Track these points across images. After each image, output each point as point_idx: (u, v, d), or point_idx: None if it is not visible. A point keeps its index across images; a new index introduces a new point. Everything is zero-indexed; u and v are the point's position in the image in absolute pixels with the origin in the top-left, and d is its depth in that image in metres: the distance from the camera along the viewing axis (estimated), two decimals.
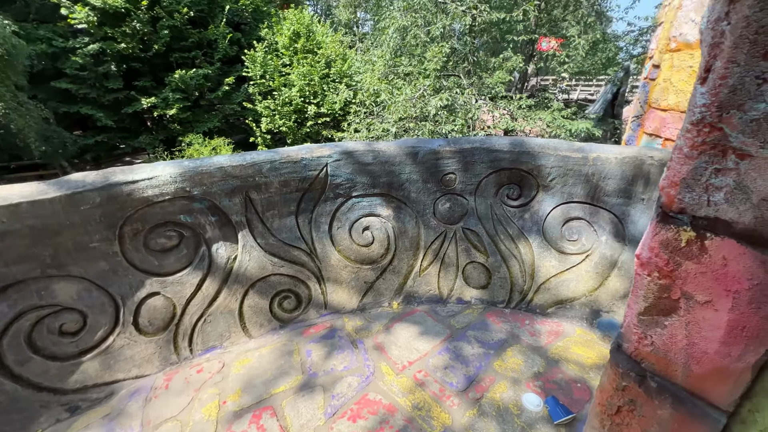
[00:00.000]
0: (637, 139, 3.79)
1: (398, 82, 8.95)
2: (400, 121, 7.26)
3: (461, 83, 8.48)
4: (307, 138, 16.43)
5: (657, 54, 3.55)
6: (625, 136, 4.16)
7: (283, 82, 15.13)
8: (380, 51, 8.59)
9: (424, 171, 2.22)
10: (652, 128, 3.50)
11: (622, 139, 4.30)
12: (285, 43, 15.54)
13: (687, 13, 3.12)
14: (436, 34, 7.72)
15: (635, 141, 3.82)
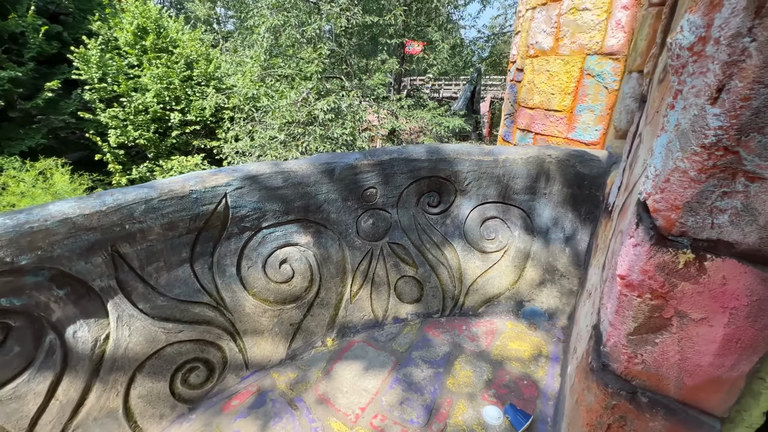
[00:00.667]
0: (512, 135, 4.27)
1: (276, 84, 8.39)
2: (286, 127, 6.79)
3: (344, 85, 8.41)
4: (175, 150, 14.22)
5: (519, 59, 4.03)
6: (501, 131, 4.66)
7: (132, 86, 12.69)
8: (252, 51, 7.88)
9: (343, 188, 2.00)
10: (523, 124, 3.98)
11: (499, 134, 4.82)
12: (128, 39, 13.04)
13: (539, 24, 3.60)
14: (312, 35, 7.44)
15: (511, 136, 4.31)
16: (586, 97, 3.34)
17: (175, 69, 13.23)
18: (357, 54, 11.95)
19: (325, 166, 1.92)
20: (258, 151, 6.77)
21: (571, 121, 3.50)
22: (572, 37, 3.29)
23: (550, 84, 3.58)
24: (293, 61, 8.12)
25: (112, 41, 13.27)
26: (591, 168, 2.08)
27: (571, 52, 3.32)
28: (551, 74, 3.54)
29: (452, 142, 9.74)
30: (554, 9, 3.42)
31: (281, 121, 6.73)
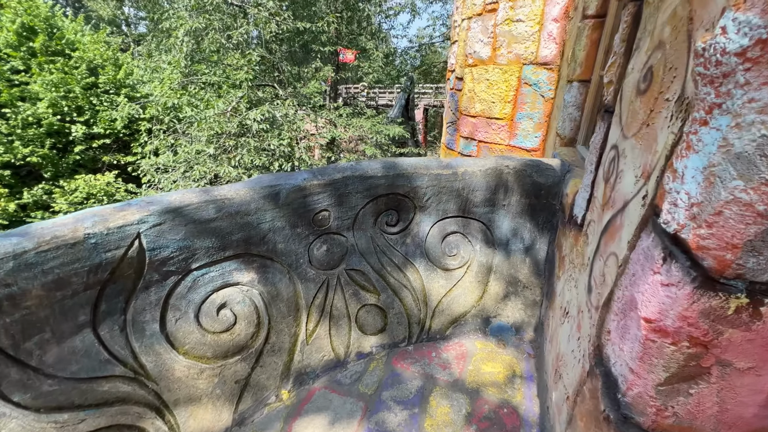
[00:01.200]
0: (456, 142, 4.30)
1: (201, 93, 7.65)
2: (216, 139, 6.19)
3: (277, 93, 7.96)
4: (80, 168, 12.34)
5: (458, 68, 4.07)
6: (444, 139, 4.68)
7: (18, 95, 10.75)
8: (170, 56, 7.10)
9: (291, 213, 1.72)
10: (467, 132, 4.01)
11: (442, 142, 4.84)
12: (11, 40, 11.07)
13: (476, 34, 3.65)
14: (239, 40, 6.92)
15: (455, 144, 4.33)
16: (524, 105, 3.43)
17: (74, 75, 11.51)
18: (289, 61, 11.49)
19: (269, 190, 1.63)
20: (183, 166, 6.05)
21: (512, 128, 3.58)
22: (509, 47, 3.36)
23: (490, 92, 3.64)
24: (219, 68, 7.47)
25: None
26: (547, 177, 2.07)
27: (509, 62, 3.40)
28: (491, 83, 3.60)
29: (392, 149, 9.77)
30: (490, 20, 3.48)
31: (209, 133, 6.09)
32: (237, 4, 7.10)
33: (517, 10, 3.23)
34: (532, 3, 3.12)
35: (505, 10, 3.32)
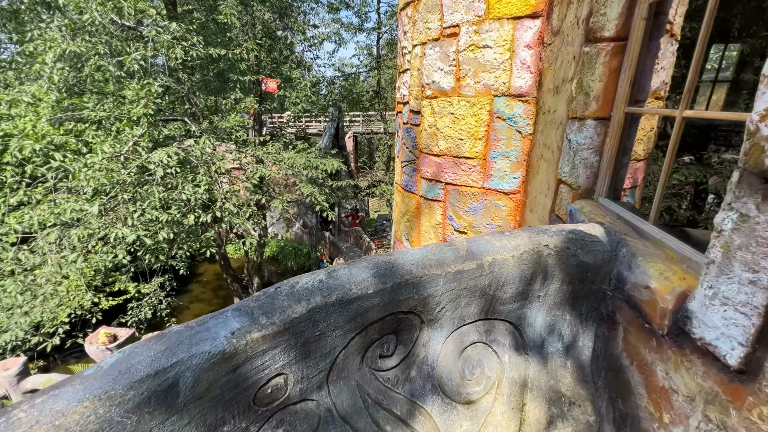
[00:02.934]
0: (416, 185, 3.68)
1: (87, 131, 6.09)
2: (107, 190, 4.78)
3: (189, 129, 6.72)
4: None
5: (413, 100, 3.51)
6: (400, 179, 4.05)
7: None
8: (38, 86, 5.53)
9: (207, 411, 0.84)
10: (430, 173, 3.42)
11: (397, 182, 4.21)
12: None
13: (433, 62, 3.13)
14: (135, 68, 5.65)
15: (415, 186, 3.71)
16: (498, 143, 2.95)
17: None
18: (203, 91, 10.19)
19: (152, 382, 0.73)
20: (56, 232, 4.47)
21: (486, 168, 3.07)
22: (475, 77, 2.88)
23: (456, 128, 3.10)
24: (109, 101, 6.03)
25: None
26: (594, 255, 1.47)
27: (477, 93, 2.91)
28: (456, 117, 3.08)
29: (327, 182, 8.96)
30: (450, 45, 2.99)
31: (96, 184, 4.67)
32: (129, 25, 5.85)
33: (482, 35, 2.77)
34: (500, 27, 2.68)
35: (468, 34, 2.84)
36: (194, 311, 13.61)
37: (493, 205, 3.42)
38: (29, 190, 4.98)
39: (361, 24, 13.57)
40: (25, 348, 6.56)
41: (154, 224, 4.73)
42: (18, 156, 4.52)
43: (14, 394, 6.31)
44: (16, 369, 6.27)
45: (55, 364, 9.25)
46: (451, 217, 3.90)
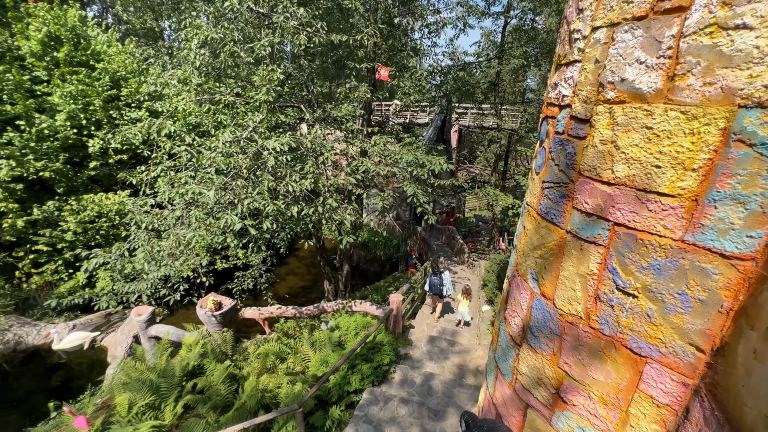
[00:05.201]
0: (564, 216, 2.79)
1: (221, 117, 6.54)
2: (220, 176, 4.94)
3: (303, 117, 6.74)
4: (95, 184, 11.64)
5: (579, 103, 2.59)
6: (536, 203, 3.18)
7: (34, 106, 10.17)
8: (182, 71, 6.02)
9: None
10: (591, 206, 2.48)
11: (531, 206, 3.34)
12: (35, 50, 10.59)
13: (629, 51, 2.16)
14: (263, 54, 5.75)
15: (560, 216, 2.81)
16: (730, 179, 1.88)
17: (95, 87, 10.92)
18: (321, 78, 10.41)
19: None
20: (179, 210, 4.83)
21: (695, 214, 2.02)
22: (708, 75, 1.84)
23: (652, 149, 2.10)
24: (238, 86, 6.35)
25: (12, 50, 10.73)
26: None
27: (705, 101, 1.87)
28: (656, 134, 2.07)
29: (430, 180, 8.29)
30: (666, 26, 1.98)
31: (216, 167, 4.87)
32: (263, 12, 5.97)
33: (738, 7, 1.73)
34: None
35: (706, 8, 1.82)
36: (289, 283, 14.56)
37: (697, 270, 2.33)
38: (165, 166, 5.44)
39: (488, 7, 12.28)
40: (156, 297, 7.36)
41: (262, 212, 4.75)
42: (158, 135, 4.92)
43: (143, 337, 7.34)
44: (146, 316, 7.25)
45: (173, 316, 10.73)
46: (615, 270, 2.88)
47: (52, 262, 10.50)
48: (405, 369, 6.11)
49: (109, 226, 10.84)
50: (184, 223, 4.86)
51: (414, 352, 6.67)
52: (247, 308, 7.75)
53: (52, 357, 8.57)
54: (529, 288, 3.03)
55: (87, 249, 10.32)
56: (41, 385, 8.00)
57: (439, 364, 6.36)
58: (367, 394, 5.50)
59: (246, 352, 6.95)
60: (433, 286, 7.86)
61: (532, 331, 2.42)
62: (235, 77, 6.94)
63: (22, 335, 8.60)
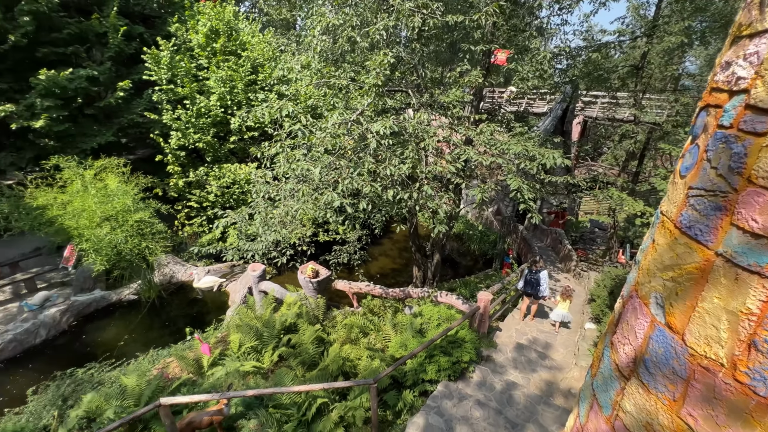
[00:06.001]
0: (713, 231, 2.18)
1: (334, 100, 7.00)
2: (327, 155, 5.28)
3: (410, 102, 6.73)
4: (232, 156, 13.83)
5: (764, 87, 1.97)
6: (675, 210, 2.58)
7: (197, 89, 12.43)
8: (305, 56, 6.56)
9: None
10: (761, 225, 1.89)
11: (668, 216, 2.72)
12: (201, 42, 12.86)
13: None
14: (378, 38, 5.88)
15: (709, 233, 2.21)
16: None
17: (240, 72, 12.78)
18: (432, 62, 10.23)
19: None
20: (291, 183, 5.38)
21: None
22: None
23: None
24: (351, 70, 6.66)
25: (186, 43, 13.23)
26: None
27: None
28: None
29: (540, 176, 7.50)
30: None
31: (324, 147, 5.25)
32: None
33: None
34: None
35: None
36: (380, 263, 15.13)
37: None
38: (284, 144, 6.06)
39: None
40: (267, 258, 8.35)
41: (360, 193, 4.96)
42: (279, 115, 5.50)
43: (254, 290, 8.53)
44: (258, 272, 8.39)
45: (280, 276, 12.18)
46: None
47: (198, 217, 12.92)
48: (485, 371, 5.82)
49: (240, 192, 12.77)
50: (294, 196, 5.40)
51: (497, 356, 6.29)
52: (339, 280, 8.33)
53: (193, 292, 10.64)
54: (649, 314, 2.52)
55: (222, 209, 12.40)
56: (183, 312, 10.04)
57: (524, 374, 5.88)
58: (441, 386, 5.42)
59: (334, 320, 7.51)
60: (528, 285, 7.26)
61: (647, 366, 1.99)
62: (351, 62, 7.29)
63: (174, 272, 10.86)
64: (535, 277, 7.12)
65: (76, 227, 9.40)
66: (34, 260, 10.66)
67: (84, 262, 9.68)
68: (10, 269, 9.96)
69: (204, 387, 5.74)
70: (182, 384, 5.87)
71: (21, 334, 8.05)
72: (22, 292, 9.52)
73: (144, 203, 10.69)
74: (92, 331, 9.09)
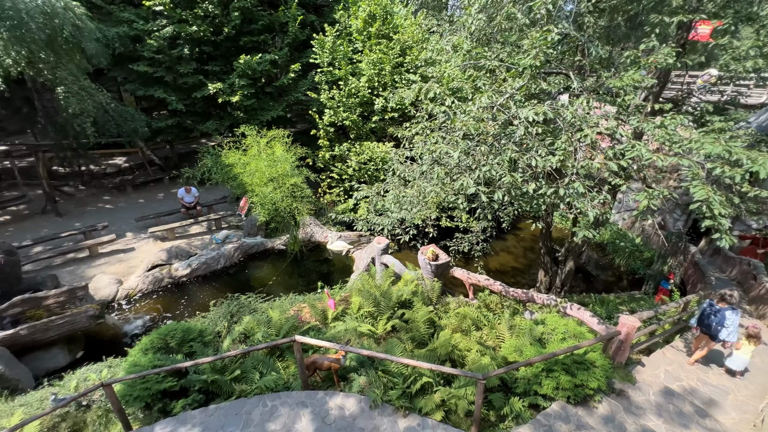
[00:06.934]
0: None
1: (481, 81, 6.67)
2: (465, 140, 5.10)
3: (569, 86, 5.91)
4: (372, 134, 14.82)
5: None
6: None
7: (350, 71, 13.58)
8: (457, 37, 6.39)
9: None
10: None
11: None
12: (359, 26, 13.91)
13: None
14: (541, 13, 5.28)
15: None
16: None
17: (389, 55, 13.37)
18: (603, 40, 8.70)
19: None
20: (426, 165, 5.43)
21: None
22: None
23: None
24: (505, 50, 6.19)
25: (347, 28, 14.49)
26: None
27: None
28: None
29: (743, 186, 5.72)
30: None
31: (466, 130, 5.09)
32: None
33: None
34: None
35: None
36: (501, 259, 14.31)
37: None
38: (424, 125, 6.13)
39: None
40: (391, 233, 8.73)
41: (495, 182, 4.69)
42: (424, 97, 5.54)
43: (377, 260, 9.16)
44: (383, 245, 8.94)
45: (400, 252, 12.70)
46: None
47: (337, 188, 14.44)
48: (615, 406, 4.98)
49: (374, 169, 13.68)
50: (427, 178, 5.46)
51: (635, 395, 5.29)
52: (457, 268, 8.21)
53: (325, 252, 12.11)
54: None
55: (358, 183, 13.52)
56: (315, 268, 11.56)
57: (670, 427, 4.80)
58: (557, 406, 4.88)
59: (447, 306, 7.50)
60: (707, 319, 5.79)
61: None
62: (503, 42, 6.79)
63: (313, 232, 12.51)
64: (718, 314, 5.62)
65: (250, 183, 11.66)
66: (221, 205, 13.78)
67: (252, 212, 12.00)
68: (207, 210, 13.13)
69: (326, 336, 6.54)
70: (310, 328, 6.82)
71: (210, 259, 10.61)
72: (212, 228, 12.46)
73: (298, 170, 12.50)
74: (252, 267, 11.33)
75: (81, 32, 9.14)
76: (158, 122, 14.07)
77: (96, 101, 10.65)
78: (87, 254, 10.48)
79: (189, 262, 10.35)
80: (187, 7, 12.57)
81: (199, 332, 6.11)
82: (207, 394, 5.44)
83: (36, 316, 7.09)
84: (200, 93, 13.68)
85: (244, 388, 5.36)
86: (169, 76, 13.36)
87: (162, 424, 4.79)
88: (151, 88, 13.42)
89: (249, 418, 4.81)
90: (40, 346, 7.03)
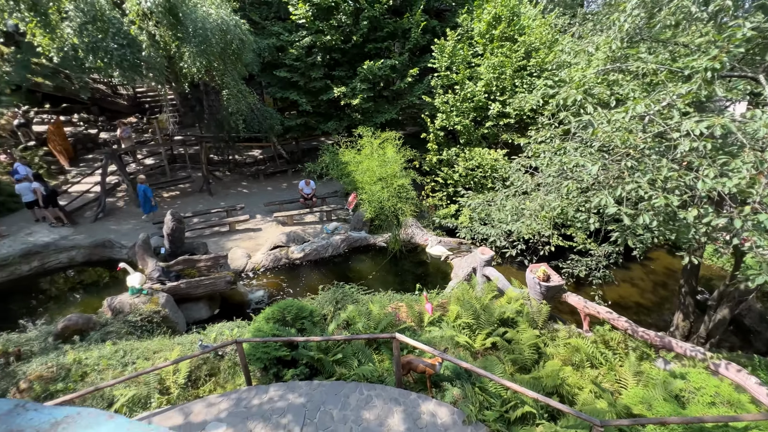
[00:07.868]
0: None
1: (629, 86, 5.83)
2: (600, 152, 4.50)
3: (758, 92, 4.74)
4: (483, 140, 14.31)
5: None
6: None
7: (468, 75, 13.33)
8: (604, 37, 5.70)
9: None
10: None
11: None
12: (482, 30, 13.54)
13: None
14: (726, 4, 4.34)
15: None
16: None
17: (512, 58, 12.71)
18: None
19: None
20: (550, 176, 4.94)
21: None
22: None
23: None
24: (667, 50, 5.26)
25: (468, 32, 14.24)
26: None
27: None
28: None
29: None
30: None
31: (606, 142, 4.50)
32: None
33: None
34: None
35: None
36: (622, 291, 12.40)
37: None
38: (554, 133, 5.64)
39: None
40: (496, 245, 8.37)
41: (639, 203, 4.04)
42: (560, 103, 5.07)
43: (479, 271, 8.81)
44: (487, 257, 8.57)
45: (502, 266, 11.98)
46: None
47: (440, 192, 14.37)
48: None
49: (482, 176, 13.21)
50: (550, 191, 5.00)
51: None
52: (572, 294, 7.38)
53: (423, 255, 12.18)
54: None
55: (463, 190, 13.22)
56: (413, 269, 11.70)
57: None
58: None
59: (555, 333, 6.80)
60: None
61: None
62: (664, 42, 5.80)
63: (414, 234, 12.68)
64: None
65: (360, 181, 12.40)
66: (332, 199, 14.99)
67: (360, 208, 12.75)
68: (321, 201, 14.43)
69: (421, 339, 6.55)
70: (406, 328, 6.92)
71: (320, 247, 11.64)
72: (323, 219, 13.65)
73: (405, 172, 12.82)
74: (355, 260, 12.04)
75: (244, 44, 10.96)
76: (289, 121, 16.00)
77: (248, 102, 12.65)
78: (227, 229, 12.54)
79: (303, 246, 11.53)
80: (324, 19, 13.97)
81: (310, 312, 6.74)
82: (311, 369, 5.98)
83: (191, 274, 8.75)
84: (326, 96, 15.08)
85: (344, 372, 5.71)
86: (302, 80, 15.06)
87: (275, 386, 5.43)
88: (287, 91, 15.33)
89: (347, 401, 5.11)
90: (191, 299, 8.66)
